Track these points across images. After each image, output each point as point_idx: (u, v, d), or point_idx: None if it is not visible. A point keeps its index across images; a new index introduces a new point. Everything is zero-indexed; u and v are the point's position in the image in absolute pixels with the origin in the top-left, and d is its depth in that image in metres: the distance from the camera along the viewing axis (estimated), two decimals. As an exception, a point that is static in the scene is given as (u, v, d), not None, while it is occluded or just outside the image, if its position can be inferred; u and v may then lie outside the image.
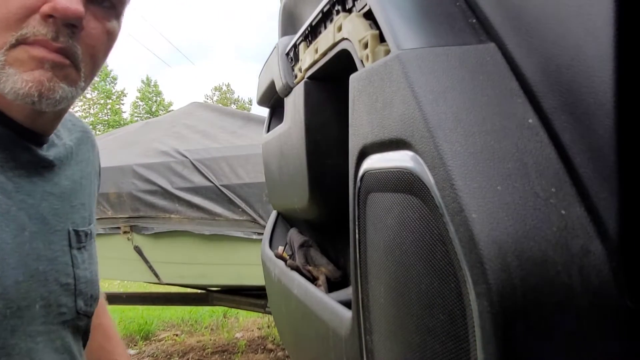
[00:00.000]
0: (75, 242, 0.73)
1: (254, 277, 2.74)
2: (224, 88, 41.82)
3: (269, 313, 3.30)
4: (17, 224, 0.63)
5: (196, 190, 2.96)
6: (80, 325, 0.73)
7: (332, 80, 0.98)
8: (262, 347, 3.86)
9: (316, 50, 0.90)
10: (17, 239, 0.62)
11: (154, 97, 38.21)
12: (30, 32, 0.58)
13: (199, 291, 3.58)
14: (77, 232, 0.74)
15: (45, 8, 0.58)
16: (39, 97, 0.59)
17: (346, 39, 0.74)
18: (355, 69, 0.68)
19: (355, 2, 0.73)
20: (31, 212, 0.65)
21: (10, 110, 0.63)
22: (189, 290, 3.67)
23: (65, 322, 0.69)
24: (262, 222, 2.86)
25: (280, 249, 1.24)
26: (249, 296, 3.30)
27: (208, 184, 2.96)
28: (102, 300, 0.96)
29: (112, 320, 0.99)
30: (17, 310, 0.61)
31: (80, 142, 0.81)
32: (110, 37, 0.67)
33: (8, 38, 0.58)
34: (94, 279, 0.77)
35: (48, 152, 0.70)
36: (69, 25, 0.60)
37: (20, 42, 0.58)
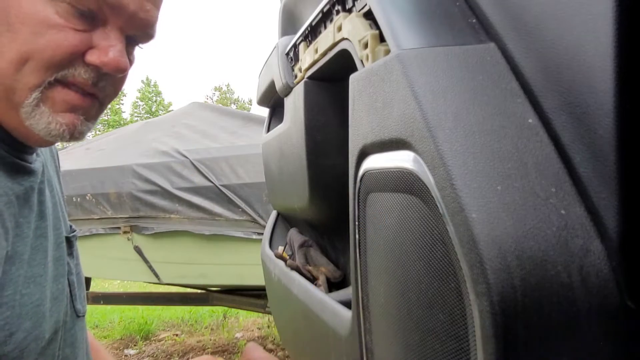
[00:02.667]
0: (67, 249, 0.74)
1: (254, 277, 2.75)
2: (224, 88, 41.82)
3: (269, 313, 3.30)
4: (44, 249, 0.64)
5: (196, 190, 2.96)
6: (81, 326, 0.75)
7: (332, 80, 0.98)
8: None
9: (316, 50, 0.90)
10: (45, 266, 0.63)
11: (154, 97, 38.20)
12: (71, 74, 0.58)
13: (199, 291, 3.58)
14: (68, 239, 0.74)
15: (94, 58, 0.58)
16: (70, 138, 0.60)
17: (346, 39, 0.74)
18: (355, 69, 0.68)
19: (355, 2, 0.73)
20: (47, 232, 0.66)
21: (28, 138, 0.62)
22: (189, 290, 3.67)
23: (70, 329, 0.71)
24: (262, 222, 2.86)
25: (280, 249, 1.24)
26: (249, 296, 3.30)
27: (208, 184, 2.96)
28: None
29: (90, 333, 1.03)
30: (55, 334, 0.63)
31: None
32: (130, 67, 0.68)
33: (47, 77, 0.57)
34: (82, 280, 0.79)
35: (37, 161, 0.70)
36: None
37: (58, 81, 0.58)
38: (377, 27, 0.64)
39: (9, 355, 0.56)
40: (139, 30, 0.62)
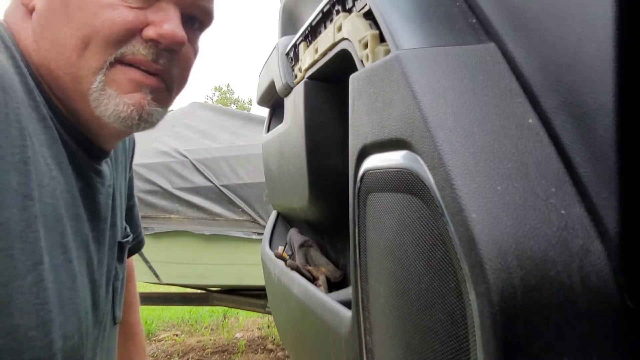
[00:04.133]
0: (119, 254, 0.74)
1: (254, 277, 2.75)
2: (224, 88, 41.83)
3: (269, 313, 3.30)
4: (91, 251, 0.64)
5: (196, 191, 2.96)
6: (116, 332, 0.75)
7: (332, 80, 0.98)
8: (262, 347, 3.86)
9: (316, 50, 0.90)
10: (89, 268, 0.63)
11: (154, 97, 38.13)
12: (130, 52, 0.57)
13: (199, 291, 3.58)
14: (121, 244, 0.75)
15: (150, 32, 0.58)
16: (139, 120, 0.59)
17: (346, 39, 0.74)
18: (355, 69, 0.68)
19: (355, 2, 0.73)
20: (100, 236, 0.66)
21: (101, 130, 0.62)
22: (189, 290, 3.67)
23: (106, 336, 0.70)
24: (262, 222, 2.87)
25: (280, 249, 1.24)
26: (249, 296, 3.30)
27: (208, 184, 2.97)
28: (134, 299, 1.00)
29: (139, 317, 1.01)
30: (85, 339, 0.61)
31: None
32: (195, 58, 0.67)
33: (107, 57, 0.57)
34: (124, 284, 0.79)
35: (106, 164, 0.70)
36: (170, 49, 0.60)
37: (117, 61, 0.58)
38: (377, 27, 0.64)
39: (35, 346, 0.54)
40: (194, 7, 0.62)
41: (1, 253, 0.49)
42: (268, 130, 1.43)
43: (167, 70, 0.61)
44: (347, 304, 0.75)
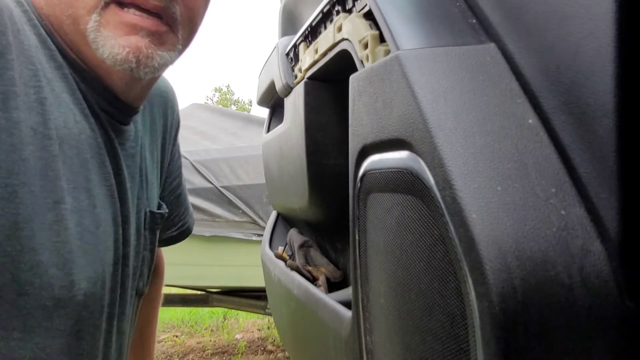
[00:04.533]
0: (149, 224, 0.72)
1: (254, 279, 2.74)
2: (224, 89, 41.85)
3: (269, 314, 3.30)
4: (115, 207, 0.62)
5: (196, 192, 2.96)
6: (137, 304, 0.73)
7: (332, 81, 0.98)
8: (262, 348, 3.86)
9: (316, 51, 0.90)
10: (115, 221, 0.61)
11: (154, 98, 38.16)
12: None
13: (199, 292, 3.58)
14: (153, 214, 0.72)
15: None
16: (137, 63, 0.56)
17: (346, 39, 0.74)
18: (355, 69, 0.68)
19: (355, 2, 0.73)
20: (125, 193, 0.64)
21: (110, 76, 0.61)
22: (188, 291, 3.67)
23: (132, 304, 0.69)
24: (262, 223, 2.86)
25: (280, 249, 1.24)
26: (249, 297, 3.30)
27: (208, 185, 2.96)
28: (149, 309, 0.98)
29: (155, 318, 0.99)
30: (103, 289, 0.60)
31: (159, 108, 0.78)
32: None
33: None
34: (153, 258, 0.76)
35: (131, 126, 0.68)
36: None
37: (113, 0, 0.55)
38: (377, 27, 0.64)
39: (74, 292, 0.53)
40: None
41: (25, 188, 0.50)
42: (268, 130, 1.43)
43: (167, 8, 0.58)
44: (347, 304, 0.75)
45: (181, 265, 3.07)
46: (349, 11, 0.75)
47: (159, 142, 0.79)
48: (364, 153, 0.61)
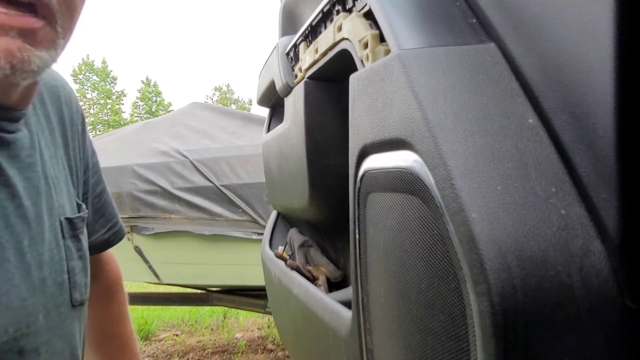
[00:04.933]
0: (68, 231, 0.65)
1: (254, 277, 2.75)
2: (224, 88, 41.83)
3: (269, 313, 3.30)
4: (17, 232, 0.56)
5: (196, 191, 2.96)
6: (77, 315, 0.68)
7: (332, 80, 0.98)
8: (262, 347, 3.86)
9: (316, 50, 0.90)
10: (18, 251, 0.56)
11: (154, 97, 38.22)
12: None
13: (199, 291, 3.58)
14: (70, 221, 0.66)
15: None
16: (11, 70, 0.48)
17: (346, 39, 0.74)
18: (355, 69, 0.68)
19: (355, 2, 0.73)
20: (26, 214, 0.58)
21: None
22: (189, 290, 3.67)
23: (64, 321, 0.64)
24: (262, 222, 2.87)
25: (280, 249, 1.24)
26: (249, 296, 3.30)
27: (208, 184, 2.97)
28: (124, 309, 0.93)
29: (131, 327, 0.95)
30: (26, 328, 0.56)
31: (52, 103, 0.70)
32: None
33: None
34: (86, 265, 0.70)
35: (23, 131, 0.60)
36: None
37: None
38: (377, 27, 0.64)
39: None
40: None
41: None
42: (268, 130, 1.43)
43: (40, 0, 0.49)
44: (347, 304, 0.75)
45: (181, 264, 3.08)
46: (349, 11, 0.75)
47: (60, 140, 0.70)
48: (364, 153, 0.61)
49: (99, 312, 0.90)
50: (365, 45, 0.65)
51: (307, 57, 0.96)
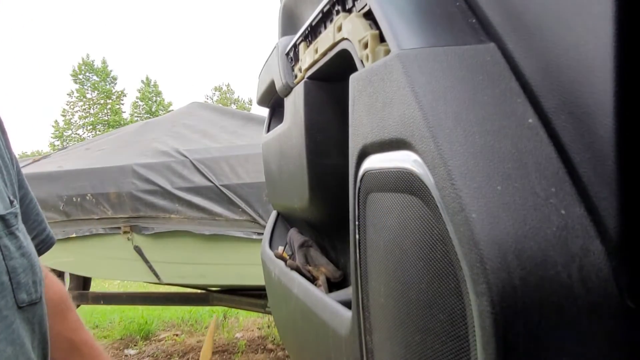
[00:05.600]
0: (3, 229, 0.63)
1: (254, 277, 2.74)
2: (224, 88, 41.82)
3: (269, 313, 3.30)
4: None
5: (196, 190, 2.96)
6: (29, 317, 0.65)
7: (332, 80, 0.98)
8: (262, 347, 3.86)
9: (316, 50, 0.90)
10: None
11: (154, 97, 38.20)
12: None
13: (199, 291, 3.58)
14: (2, 218, 0.63)
15: None
16: None
17: (346, 39, 0.74)
18: (355, 69, 0.68)
19: (355, 2, 0.73)
20: None
21: None
22: (189, 290, 3.67)
23: (10, 325, 0.61)
24: (262, 222, 2.86)
25: (280, 249, 1.24)
26: (249, 296, 3.30)
27: (208, 183, 2.97)
28: (73, 316, 0.86)
29: (88, 331, 0.88)
30: None
31: None
32: None
33: None
34: (33, 262, 0.67)
35: None
36: None
37: None
38: (377, 27, 0.64)
39: None
40: None
41: None
42: (268, 130, 1.43)
43: None
44: (347, 304, 0.75)
45: (181, 264, 3.08)
46: (349, 11, 0.75)
47: None
48: (364, 153, 0.61)
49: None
50: (365, 46, 0.65)
51: (307, 57, 0.96)
